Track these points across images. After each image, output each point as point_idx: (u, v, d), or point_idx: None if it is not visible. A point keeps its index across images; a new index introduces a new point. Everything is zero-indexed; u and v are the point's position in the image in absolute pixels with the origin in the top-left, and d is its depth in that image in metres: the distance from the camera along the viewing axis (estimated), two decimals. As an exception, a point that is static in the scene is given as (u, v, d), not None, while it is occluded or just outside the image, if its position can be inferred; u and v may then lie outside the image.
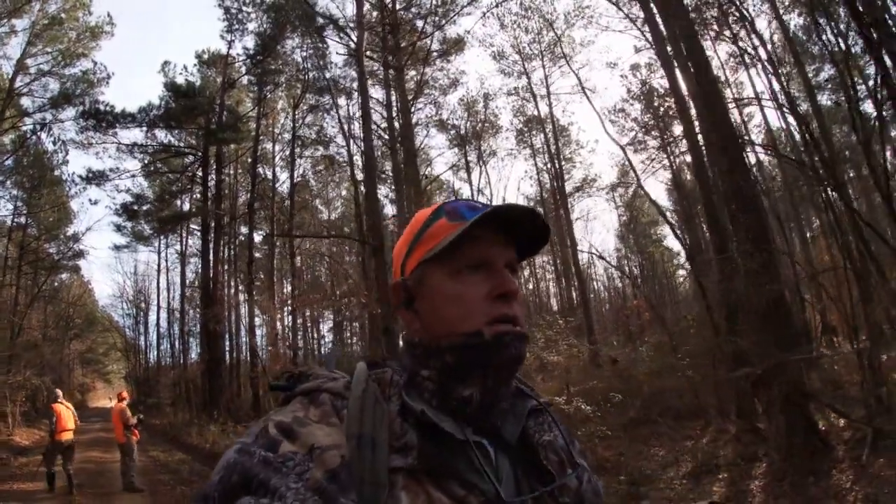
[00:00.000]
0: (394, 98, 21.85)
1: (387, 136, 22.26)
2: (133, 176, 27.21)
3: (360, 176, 24.23)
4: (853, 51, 11.63)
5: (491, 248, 1.01)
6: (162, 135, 26.68)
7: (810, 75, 20.23)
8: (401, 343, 1.11)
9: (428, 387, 0.97)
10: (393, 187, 22.80)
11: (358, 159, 24.75)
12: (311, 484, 0.79)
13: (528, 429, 1.05)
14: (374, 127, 22.25)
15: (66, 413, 11.65)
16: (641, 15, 16.47)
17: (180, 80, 26.44)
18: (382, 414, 0.91)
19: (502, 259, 1.02)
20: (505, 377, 1.00)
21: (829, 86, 20.65)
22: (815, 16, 11.10)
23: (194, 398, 28.17)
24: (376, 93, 23.44)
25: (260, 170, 29.41)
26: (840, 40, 10.40)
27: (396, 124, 21.61)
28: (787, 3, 18.95)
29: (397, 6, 21.56)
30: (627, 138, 24.15)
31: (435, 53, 24.68)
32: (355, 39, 17.19)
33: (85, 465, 14.53)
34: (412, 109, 24.77)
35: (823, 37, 11.55)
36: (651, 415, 12.35)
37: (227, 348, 28.31)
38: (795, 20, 19.65)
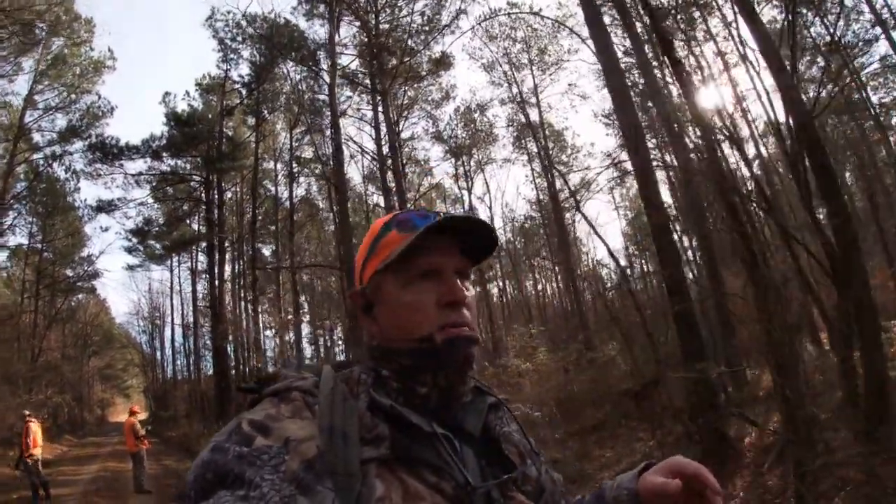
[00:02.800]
0: (381, 118, 23.14)
1: (376, 157, 23.62)
2: (141, 204, 29.28)
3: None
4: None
5: (441, 256, 1.06)
6: (166, 163, 28.69)
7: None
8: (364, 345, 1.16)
9: (393, 385, 1.03)
10: (382, 205, 24.17)
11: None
12: (287, 475, 0.82)
13: (489, 422, 1.12)
14: (362, 148, 23.92)
15: (38, 431, 13.48)
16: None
17: (181, 108, 28.58)
18: (352, 409, 0.94)
19: (451, 266, 1.07)
20: (456, 378, 1.05)
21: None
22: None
23: (208, 410, 29.63)
24: (367, 112, 24.97)
25: (268, 186, 31.65)
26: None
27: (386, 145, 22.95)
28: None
29: (380, 29, 23.19)
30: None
31: (423, 72, 25.96)
32: (328, 81, 18.57)
33: (103, 474, 17.10)
34: (404, 126, 26.53)
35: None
36: (615, 417, 12.91)
37: (234, 363, 29.84)
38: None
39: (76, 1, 24.14)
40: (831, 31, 21.25)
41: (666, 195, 22.59)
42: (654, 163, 23.03)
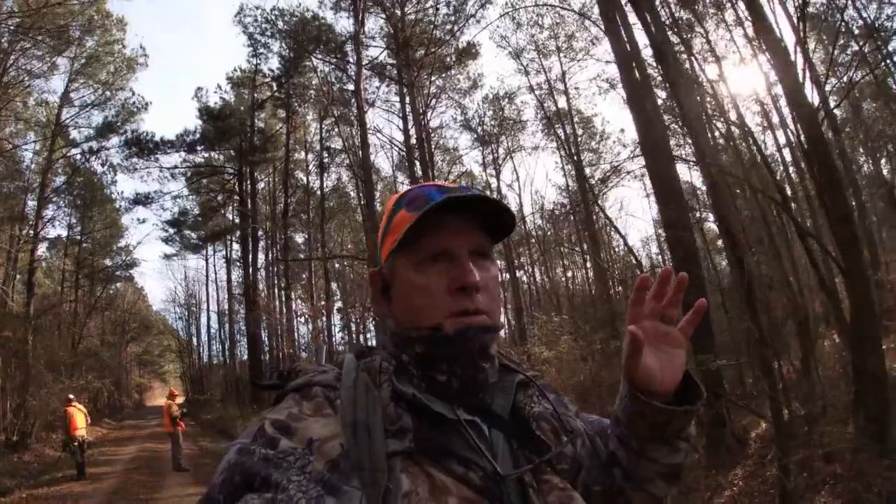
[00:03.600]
0: (408, 109, 23.77)
1: (404, 149, 24.24)
2: (176, 197, 30.56)
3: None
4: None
5: (453, 236, 1.02)
6: (200, 156, 29.95)
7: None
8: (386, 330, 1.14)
9: (414, 372, 1.02)
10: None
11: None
12: (313, 476, 0.82)
13: (518, 402, 1.09)
14: (390, 140, 24.47)
15: (77, 414, 14.70)
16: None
17: (213, 101, 29.70)
18: (375, 401, 0.94)
19: (466, 246, 1.03)
20: (472, 367, 1.02)
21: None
22: None
23: (242, 394, 30.73)
24: (395, 103, 25.56)
25: (300, 176, 32.61)
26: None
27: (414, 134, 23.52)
28: None
29: (406, 20, 23.66)
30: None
31: (450, 62, 26.38)
32: (354, 75, 19.09)
33: (142, 454, 18.57)
34: (432, 115, 26.94)
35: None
36: None
37: (268, 348, 30.73)
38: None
39: (109, 1, 24.73)
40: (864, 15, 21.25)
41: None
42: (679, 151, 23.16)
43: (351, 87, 23.43)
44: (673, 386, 1.04)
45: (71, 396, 15.55)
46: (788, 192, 15.86)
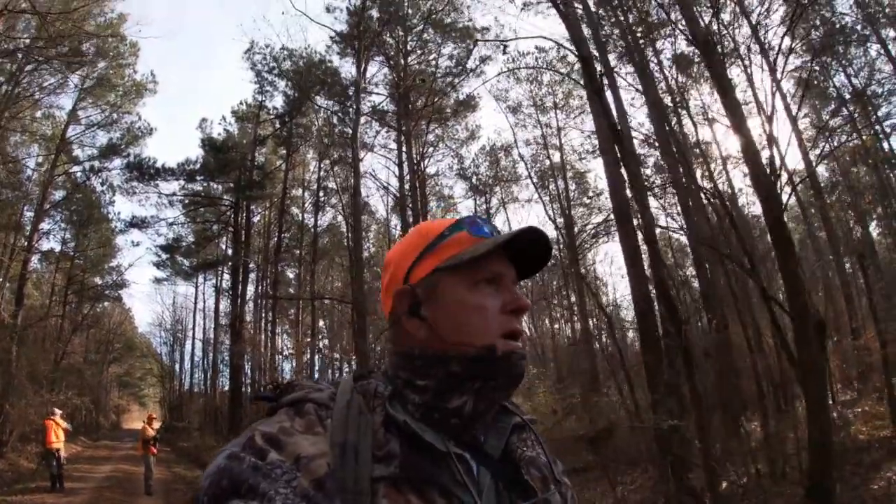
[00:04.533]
0: (405, 157, 24.78)
1: (397, 194, 25.02)
2: (172, 223, 31.46)
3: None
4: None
5: (502, 264, 1.09)
6: (198, 185, 30.92)
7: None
8: (388, 356, 1.15)
9: (413, 399, 1.02)
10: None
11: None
12: (298, 491, 0.82)
13: (510, 444, 1.09)
14: (385, 186, 25.32)
15: (55, 428, 15.25)
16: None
17: (217, 133, 30.95)
18: (366, 424, 0.95)
19: (510, 276, 1.10)
20: (504, 392, 1.07)
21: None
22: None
23: (221, 424, 31.13)
24: (394, 147, 26.55)
25: (295, 212, 33.58)
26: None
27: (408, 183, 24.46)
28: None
29: (409, 70, 24.84)
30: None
31: (449, 112, 27.45)
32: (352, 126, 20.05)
33: (115, 474, 19.21)
34: (429, 162, 27.93)
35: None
36: (606, 460, 13.02)
37: (250, 381, 31.25)
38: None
39: (123, 26, 25.66)
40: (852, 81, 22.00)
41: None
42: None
43: (350, 130, 24.25)
44: None
45: (58, 410, 16.16)
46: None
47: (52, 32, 17.33)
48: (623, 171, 12.09)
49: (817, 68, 25.30)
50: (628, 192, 12.44)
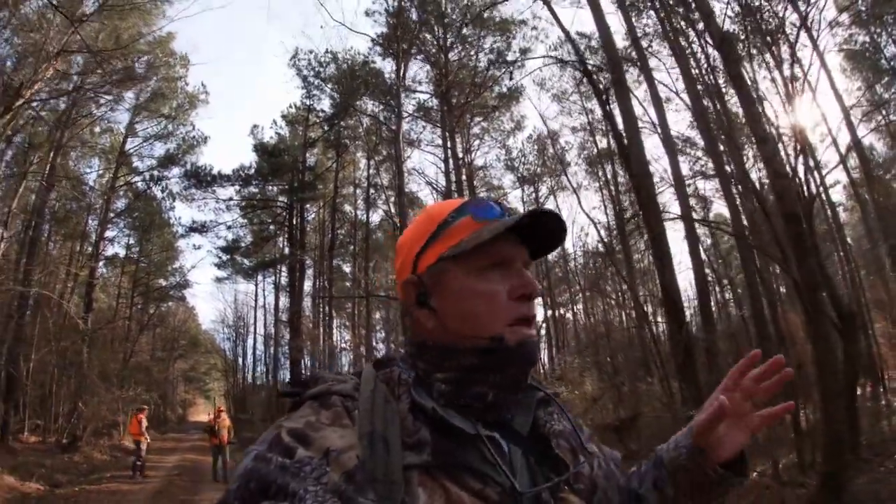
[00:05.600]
0: (450, 153, 25.62)
1: (443, 191, 26.28)
2: (230, 227, 33.10)
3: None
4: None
5: (511, 248, 1.07)
6: (254, 188, 32.56)
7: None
8: (405, 346, 1.14)
9: (438, 387, 1.02)
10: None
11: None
12: (329, 487, 0.82)
13: (538, 419, 1.10)
14: (432, 185, 26.18)
15: (143, 421, 17.53)
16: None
17: (268, 137, 32.54)
18: (393, 412, 0.95)
19: (520, 259, 1.08)
20: (519, 381, 1.06)
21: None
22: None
23: (282, 415, 32.01)
24: (439, 143, 27.28)
25: (348, 208, 34.89)
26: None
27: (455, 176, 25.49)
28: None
29: (449, 67, 25.44)
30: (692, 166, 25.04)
31: (492, 105, 28.19)
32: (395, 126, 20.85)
33: (183, 463, 21.14)
34: (475, 155, 28.85)
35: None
36: (629, 449, 13.07)
37: (309, 373, 32.49)
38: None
39: (173, 42, 27.00)
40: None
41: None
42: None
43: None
44: (728, 458, 1.09)
45: (144, 407, 18.91)
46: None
47: (107, 70, 18.31)
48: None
49: (867, 39, 25.46)
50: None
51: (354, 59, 26.45)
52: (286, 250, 33.58)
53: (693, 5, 12.95)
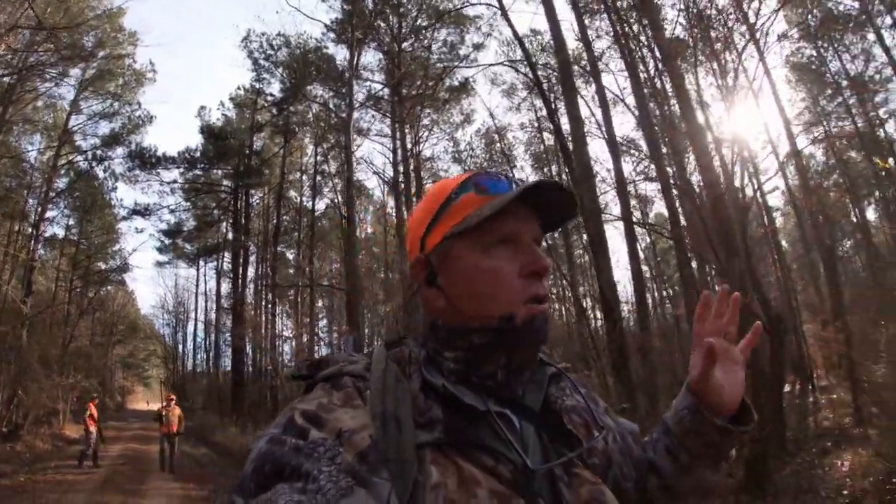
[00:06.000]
0: (399, 144, 25.90)
1: (390, 181, 26.39)
2: (173, 210, 32.71)
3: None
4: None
5: (519, 222, 1.04)
6: (199, 172, 32.19)
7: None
8: (422, 323, 1.13)
9: (448, 365, 1.02)
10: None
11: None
12: (343, 467, 0.82)
13: (549, 395, 1.10)
14: (380, 175, 26.40)
15: (92, 410, 17.16)
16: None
17: (216, 119, 32.42)
18: (404, 391, 0.95)
19: (530, 234, 1.05)
20: (530, 358, 1.06)
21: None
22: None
23: (223, 404, 32.36)
24: (388, 133, 27.41)
25: (294, 195, 34.76)
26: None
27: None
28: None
29: (402, 57, 25.70)
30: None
31: (443, 98, 28.31)
32: (345, 115, 21.00)
33: (128, 453, 20.52)
34: (424, 146, 29.12)
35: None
36: None
37: (251, 361, 32.34)
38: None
39: (123, 17, 26.46)
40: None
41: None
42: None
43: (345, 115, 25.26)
44: (733, 405, 1.12)
45: (95, 396, 18.68)
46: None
47: (59, 46, 18.03)
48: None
49: (814, 52, 26.78)
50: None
51: (307, 44, 26.49)
52: (230, 236, 33.50)
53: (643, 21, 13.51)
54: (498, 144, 30.81)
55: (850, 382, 11.73)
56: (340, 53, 26.16)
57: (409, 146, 26.69)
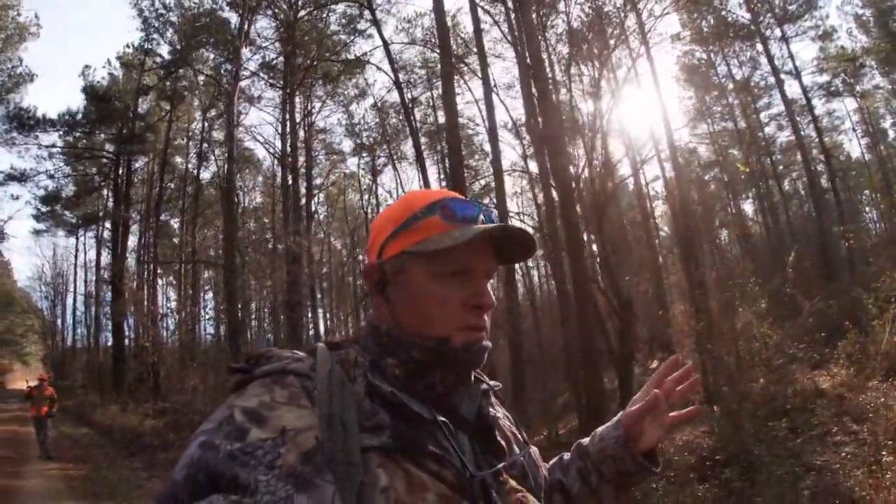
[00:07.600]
0: (288, 115, 25.60)
1: (278, 155, 26.13)
2: (52, 177, 31.28)
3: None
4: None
5: (474, 256, 1.08)
6: (80, 133, 30.79)
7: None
8: (363, 324, 1.18)
9: (392, 371, 1.05)
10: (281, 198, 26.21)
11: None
12: (284, 470, 0.83)
13: (481, 408, 1.15)
14: (268, 149, 26.05)
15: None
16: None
17: (101, 78, 30.69)
18: (350, 395, 0.96)
19: (483, 268, 1.11)
20: (464, 378, 1.11)
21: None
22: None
23: (104, 382, 31.61)
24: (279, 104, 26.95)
25: (179, 162, 33.98)
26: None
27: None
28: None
29: (296, 26, 25.25)
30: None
31: (337, 71, 28.13)
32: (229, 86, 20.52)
33: (5, 435, 19.74)
34: (316, 117, 29.10)
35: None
36: None
37: (133, 337, 31.35)
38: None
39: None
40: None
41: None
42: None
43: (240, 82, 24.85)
44: (645, 451, 1.29)
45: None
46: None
47: None
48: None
49: (704, 56, 29.35)
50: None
51: (202, 4, 25.71)
52: (111, 203, 32.41)
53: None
54: (393, 119, 31.17)
55: (701, 363, 12.49)
56: (234, 18, 25.52)
57: (300, 118, 26.67)
